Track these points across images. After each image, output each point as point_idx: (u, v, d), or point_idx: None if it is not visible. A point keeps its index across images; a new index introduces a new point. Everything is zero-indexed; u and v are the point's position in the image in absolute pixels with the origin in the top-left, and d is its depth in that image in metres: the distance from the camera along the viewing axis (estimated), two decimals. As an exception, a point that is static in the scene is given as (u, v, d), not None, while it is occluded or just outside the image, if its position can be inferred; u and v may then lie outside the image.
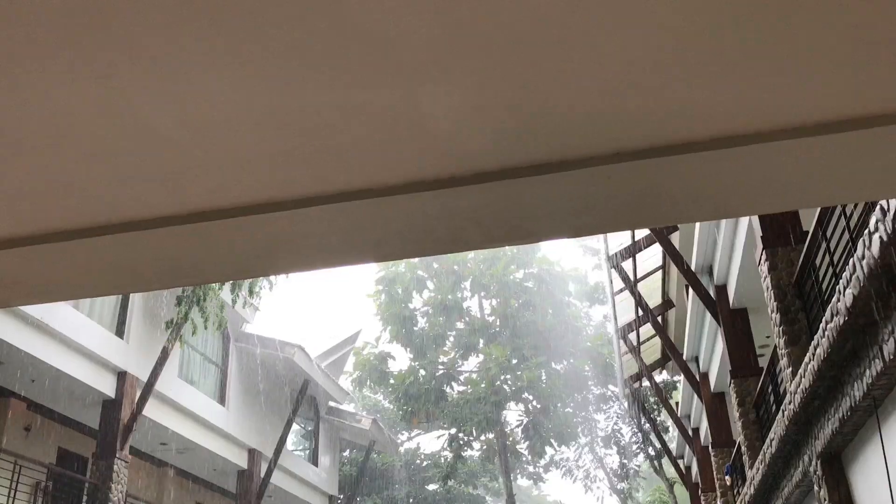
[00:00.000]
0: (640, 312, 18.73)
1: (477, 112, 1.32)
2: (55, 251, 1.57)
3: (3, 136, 1.34)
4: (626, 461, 35.01)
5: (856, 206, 6.61)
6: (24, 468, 13.90)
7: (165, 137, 1.35)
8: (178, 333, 15.71)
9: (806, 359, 7.25)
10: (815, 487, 8.41)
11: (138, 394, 15.84)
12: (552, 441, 32.53)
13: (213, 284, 14.74)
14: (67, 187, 1.47)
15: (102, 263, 1.65)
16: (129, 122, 1.32)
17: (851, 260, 5.71)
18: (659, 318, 19.77)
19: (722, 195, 1.53)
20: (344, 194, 1.46)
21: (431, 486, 35.92)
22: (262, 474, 21.15)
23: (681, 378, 23.86)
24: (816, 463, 8.17)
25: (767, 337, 13.45)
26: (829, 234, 7.50)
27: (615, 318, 21.06)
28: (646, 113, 1.34)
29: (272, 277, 15.39)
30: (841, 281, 6.00)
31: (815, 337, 6.80)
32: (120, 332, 16.13)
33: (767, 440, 9.67)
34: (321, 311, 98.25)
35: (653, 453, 30.01)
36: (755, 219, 9.92)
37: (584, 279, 37.64)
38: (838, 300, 6.04)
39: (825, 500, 8.07)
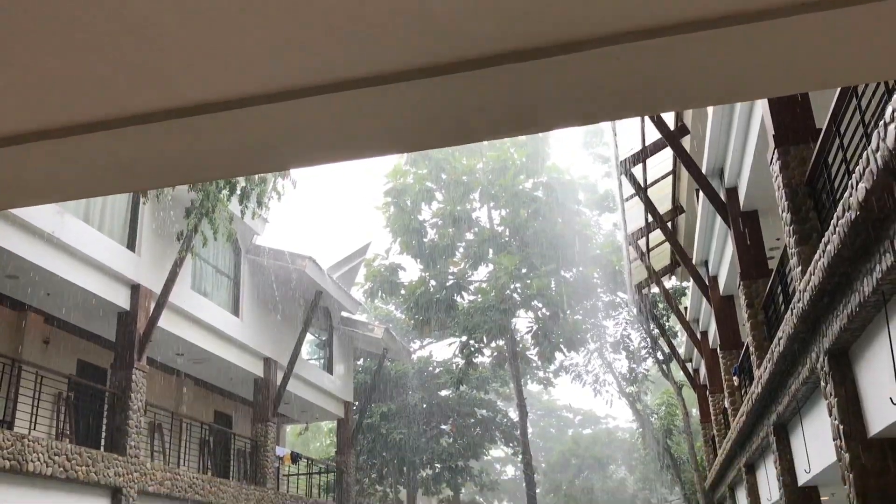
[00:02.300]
0: (650, 219, 18.69)
1: None
2: (54, 148, 1.55)
3: None
4: (634, 366, 35.59)
5: (871, 98, 6.48)
6: (46, 379, 14.23)
7: (162, 26, 1.31)
8: (188, 245, 15.81)
9: (816, 256, 7.24)
10: (822, 384, 8.53)
11: (152, 306, 16.08)
12: (562, 347, 33.01)
13: (222, 195, 14.73)
14: (63, 82, 1.43)
15: (102, 160, 1.63)
16: (124, 12, 1.28)
17: (865, 153, 5.62)
18: (669, 224, 19.75)
19: (733, 76, 1.48)
20: (343, 83, 1.42)
21: (444, 392, 36.76)
22: (279, 382, 21.64)
23: (690, 283, 24.01)
24: (823, 359, 8.26)
25: (777, 240, 13.45)
26: (842, 130, 7.38)
27: (625, 225, 21.06)
28: None
29: (280, 187, 15.35)
30: (854, 175, 5.93)
31: (826, 233, 6.77)
32: (131, 245, 16.26)
33: (775, 339, 9.76)
34: (330, 224, 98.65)
35: (661, 358, 30.45)
36: (767, 117, 9.76)
37: (593, 187, 37.54)
38: (850, 195, 5.98)
39: (831, 395, 8.19)
